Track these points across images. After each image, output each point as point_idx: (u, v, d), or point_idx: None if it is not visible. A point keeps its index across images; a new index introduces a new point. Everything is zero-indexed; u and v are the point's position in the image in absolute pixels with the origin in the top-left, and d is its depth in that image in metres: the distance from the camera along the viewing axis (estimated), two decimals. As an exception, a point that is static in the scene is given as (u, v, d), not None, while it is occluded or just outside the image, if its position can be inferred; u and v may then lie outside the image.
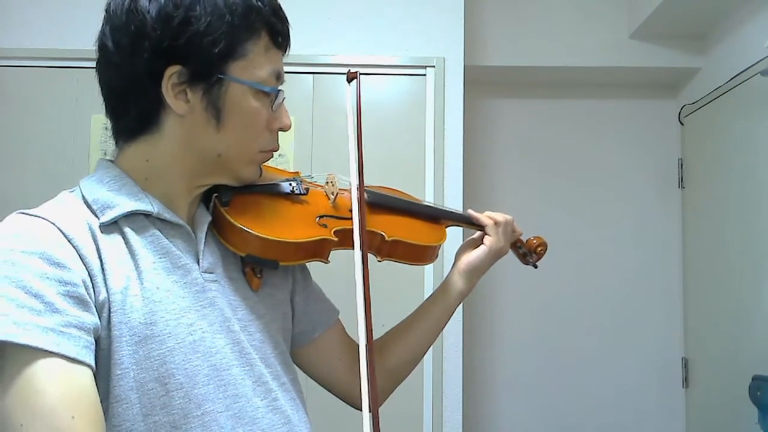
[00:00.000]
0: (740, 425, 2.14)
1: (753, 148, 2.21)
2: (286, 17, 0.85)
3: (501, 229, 1.08)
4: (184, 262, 0.80)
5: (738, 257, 2.28)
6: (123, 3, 0.79)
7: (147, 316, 0.74)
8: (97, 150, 2.20)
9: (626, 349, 2.72)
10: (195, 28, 0.76)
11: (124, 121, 0.83)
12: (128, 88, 0.80)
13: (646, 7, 2.40)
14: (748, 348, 2.18)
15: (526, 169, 2.81)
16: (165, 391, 0.74)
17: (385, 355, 1.06)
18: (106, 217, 0.77)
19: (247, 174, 0.86)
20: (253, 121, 0.82)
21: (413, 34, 2.28)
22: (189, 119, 0.80)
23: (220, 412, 0.77)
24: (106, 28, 0.82)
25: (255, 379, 0.82)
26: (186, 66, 0.77)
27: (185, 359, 0.76)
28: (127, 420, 0.73)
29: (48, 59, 2.22)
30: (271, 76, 0.82)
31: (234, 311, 0.83)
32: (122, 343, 0.73)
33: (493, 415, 2.73)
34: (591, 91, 2.83)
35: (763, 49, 2.09)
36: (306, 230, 0.90)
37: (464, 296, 1.08)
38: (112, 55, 0.81)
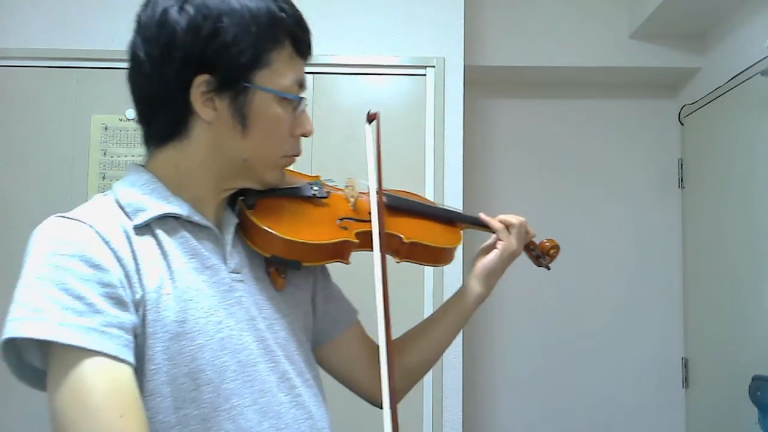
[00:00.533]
0: (740, 425, 2.14)
1: (753, 148, 2.21)
2: (308, 27, 0.88)
3: (514, 231, 1.10)
4: (212, 263, 0.83)
5: (738, 257, 2.28)
6: (154, 15, 0.83)
7: (179, 314, 0.77)
8: (97, 150, 2.20)
9: (626, 349, 2.72)
10: (222, 39, 0.80)
11: (154, 128, 0.86)
12: (159, 96, 0.83)
13: (646, 7, 2.40)
14: (748, 348, 2.18)
15: (526, 169, 2.81)
16: (195, 386, 0.77)
17: (402, 355, 1.08)
18: (138, 219, 0.80)
19: (270, 178, 0.89)
20: (277, 127, 0.85)
21: (413, 34, 2.29)
22: (216, 126, 0.83)
23: (247, 406, 0.81)
24: (138, 38, 0.85)
25: (279, 375, 0.85)
26: (214, 75, 0.81)
27: (214, 355, 0.79)
28: (159, 413, 0.76)
29: (48, 59, 2.23)
30: (294, 84, 0.86)
31: (260, 310, 0.87)
32: (156, 340, 0.76)
33: (493, 415, 2.73)
34: (591, 91, 2.83)
35: (763, 49, 2.09)
36: (328, 232, 0.93)
37: (482, 299, 1.10)
38: (143, 64, 0.83)
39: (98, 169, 2.20)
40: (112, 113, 2.22)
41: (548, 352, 2.72)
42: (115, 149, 2.21)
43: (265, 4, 0.83)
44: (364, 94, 2.24)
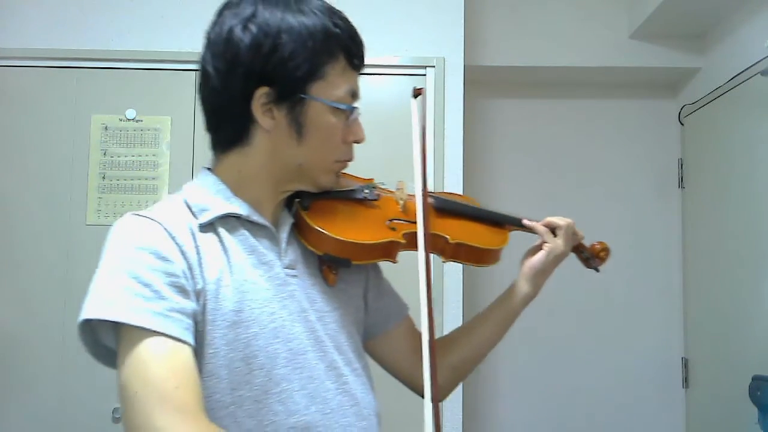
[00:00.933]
0: (740, 425, 2.14)
1: (753, 148, 2.21)
2: (361, 41, 0.95)
3: (561, 233, 1.13)
4: (268, 259, 0.91)
5: (738, 257, 2.28)
6: (221, 32, 0.90)
7: (236, 304, 0.85)
8: (97, 150, 2.20)
9: (626, 349, 2.72)
10: (281, 55, 0.87)
11: (220, 135, 0.95)
12: (224, 107, 0.92)
13: (646, 7, 2.40)
14: (748, 348, 2.18)
15: (526, 168, 2.81)
16: (249, 370, 0.85)
17: (449, 352, 1.12)
18: (203, 218, 0.88)
19: (324, 181, 0.96)
20: (330, 135, 0.92)
21: (413, 34, 2.28)
22: (275, 134, 0.91)
23: (296, 390, 0.88)
24: (207, 54, 0.93)
25: (328, 363, 0.92)
26: (273, 87, 0.88)
27: (267, 343, 0.86)
28: (216, 392, 0.84)
29: (48, 59, 2.22)
30: (347, 95, 0.92)
31: (311, 303, 0.94)
32: (215, 327, 0.84)
33: (493, 415, 2.73)
34: (591, 91, 2.83)
35: (763, 49, 2.09)
36: (376, 233, 0.99)
37: (529, 299, 1.14)
38: (211, 78, 0.91)
39: (98, 169, 2.20)
40: (112, 113, 2.22)
41: (548, 352, 2.72)
42: (115, 149, 2.21)
43: (321, 21, 0.89)
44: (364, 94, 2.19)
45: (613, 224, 2.75)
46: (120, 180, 2.20)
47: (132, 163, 2.20)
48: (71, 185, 2.19)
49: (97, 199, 2.18)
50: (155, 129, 2.22)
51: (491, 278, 2.69)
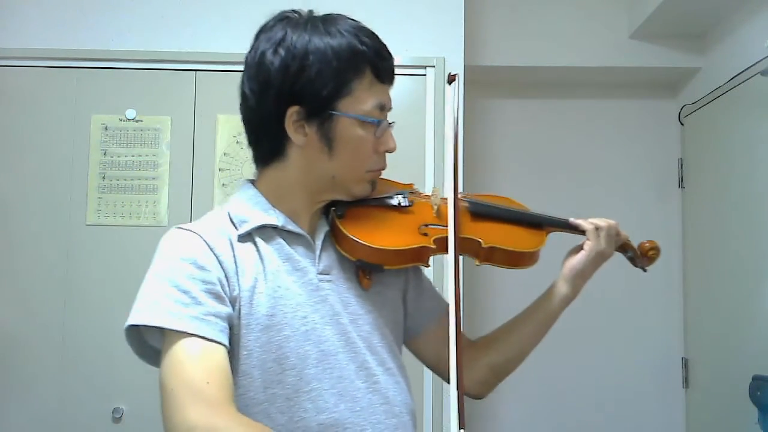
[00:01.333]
0: (740, 425, 2.14)
1: (753, 148, 2.21)
2: (389, 55, 1.00)
3: (603, 233, 1.14)
4: (302, 266, 0.98)
5: (738, 257, 2.28)
6: (255, 56, 0.97)
7: (269, 309, 0.92)
8: (97, 150, 2.20)
9: (626, 349, 2.72)
10: (308, 75, 0.93)
11: (259, 151, 1.01)
12: (261, 125, 0.99)
13: (646, 7, 2.40)
14: (748, 348, 2.18)
15: (526, 168, 2.81)
16: (281, 370, 0.92)
17: (490, 351, 1.16)
18: (242, 229, 0.96)
19: (358, 191, 1.02)
20: (360, 147, 0.98)
21: (413, 34, 2.28)
22: (307, 149, 0.97)
23: (326, 389, 0.93)
24: (244, 76, 0.99)
25: (358, 364, 0.97)
26: (303, 105, 0.94)
27: (298, 345, 0.93)
28: (250, 390, 0.91)
29: (48, 59, 2.22)
30: (375, 108, 0.97)
31: (345, 306, 0.99)
32: (249, 330, 0.91)
33: (493, 414, 2.73)
34: (591, 91, 2.83)
35: (763, 49, 2.09)
36: (407, 239, 1.03)
37: (569, 301, 1.14)
38: (248, 99, 0.98)
39: (98, 169, 2.20)
40: (112, 113, 2.22)
41: (548, 351, 2.70)
42: (115, 149, 2.21)
43: (347, 40, 0.95)
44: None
45: (613, 224, 2.75)
46: (120, 180, 2.20)
47: (132, 163, 2.20)
48: (71, 185, 2.18)
49: (97, 199, 2.18)
50: (155, 129, 2.22)
51: (491, 279, 2.69)
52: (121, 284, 2.13)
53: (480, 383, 1.16)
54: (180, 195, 2.19)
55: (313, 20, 0.97)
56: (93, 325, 2.11)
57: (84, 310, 2.12)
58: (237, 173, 2.20)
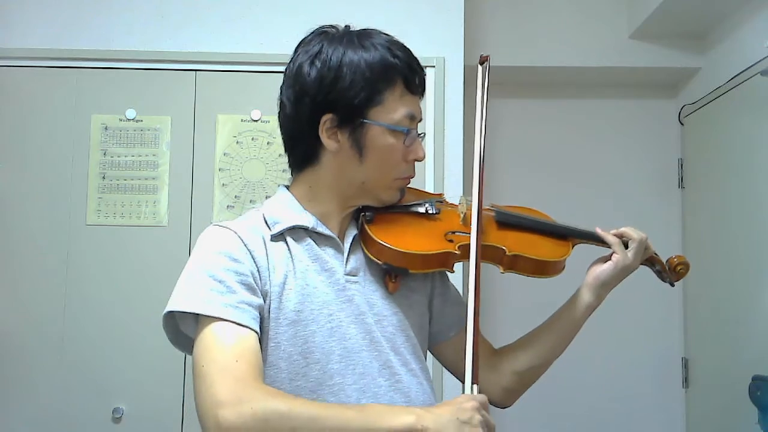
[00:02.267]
0: (740, 425, 2.14)
1: (753, 148, 2.21)
2: (419, 68, 1.07)
3: (634, 246, 1.16)
4: (330, 266, 1.02)
5: (738, 257, 2.28)
6: (293, 68, 1.03)
7: (297, 305, 0.98)
8: (97, 150, 2.20)
9: (626, 349, 2.72)
10: (341, 85, 0.99)
11: (295, 156, 1.07)
12: (297, 132, 1.04)
13: (646, 7, 2.40)
14: (748, 348, 2.18)
15: (526, 168, 2.80)
16: (306, 363, 0.97)
17: (514, 359, 1.19)
18: (274, 230, 1.02)
19: (386, 197, 1.07)
20: (390, 155, 1.03)
21: (413, 34, 2.26)
22: (339, 155, 1.02)
23: (349, 385, 0.98)
24: (283, 86, 1.05)
25: (381, 363, 1.01)
26: (336, 114, 1.00)
27: (323, 341, 0.98)
28: (276, 381, 0.96)
29: (48, 59, 2.22)
30: (405, 118, 1.03)
31: (371, 307, 1.03)
32: (278, 324, 0.97)
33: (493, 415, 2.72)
34: (591, 91, 2.83)
35: (763, 49, 2.09)
36: (432, 244, 1.07)
37: (592, 309, 1.18)
38: (285, 107, 1.04)
39: (98, 169, 2.20)
40: (112, 113, 2.22)
41: (548, 352, 2.72)
42: (115, 149, 2.21)
43: (380, 53, 1.01)
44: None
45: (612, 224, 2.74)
46: (120, 180, 2.20)
47: (132, 163, 2.20)
48: (71, 185, 2.18)
49: (97, 199, 2.18)
50: (155, 129, 2.22)
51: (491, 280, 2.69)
52: (121, 284, 2.13)
53: (505, 390, 1.19)
54: (180, 195, 2.19)
55: (349, 35, 1.04)
56: (93, 325, 2.11)
57: (84, 310, 2.12)
58: (237, 173, 2.20)
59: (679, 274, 1.24)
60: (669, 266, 1.24)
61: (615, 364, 2.71)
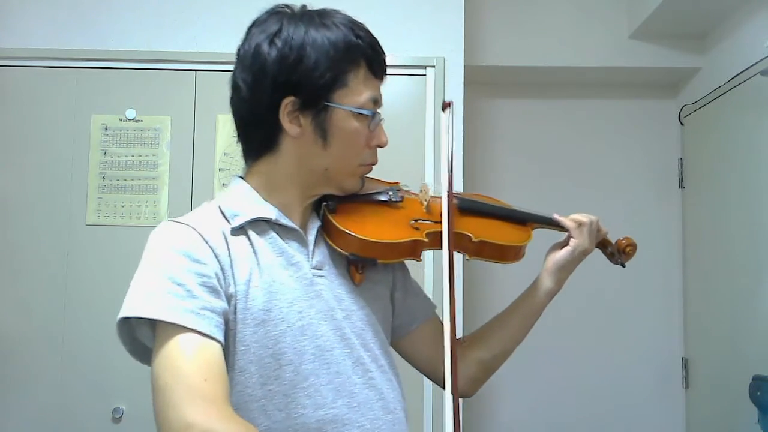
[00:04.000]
0: (740, 425, 2.14)
1: (753, 148, 2.21)
2: (382, 50, 1.01)
3: (585, 229, 1.16)
4: (296, 260, 0.96)
5: (738, 257, 2.28)
6: (250, 48, 0.96)
7: (265, 303, 0.91)
8: (97, 150, 2.20)
9: (626, 349, 2.72)
10: (305, 65, 0.93)
11: (251, 144, 1.01)
12: (254, 117, 0.97)
13: (646, 7, 2.40)
14: (748, 348, 2.18)
15: (526, 169, 2.81)
16: (278, 366, 0.91)
17: (478, 347, 1.17)
18: (235, 223, 0.94)
19: (349, 185, 1.02)
20: (354, 140, 0.98)
21: (413, 34, 2.28)
22: (301, 140, 0.96)
23: (323, 385, 0.93)
24: (237, 68, 0.98)
25: (354, 360, 0.97)
26: (298, 96, 0.94)
27: (295, 340, 0.92)
28: (248, 387, 0.90)
29: (48, 59, 2.22)
30: (369, 101, 0.98)
31: (339, 302, 0.98)
32: (245, 325, 0.90)
33: (493, 414, 2.73)
34: (591, 91, 2.83)
35: (763, 49, 2.09)
36: (400, 232, 1.03)
37: (553, 294, 1.16)
38: (241, 90, 0.97)
39: (98, 169, 2.20)
40: (112, 113, 2.22)
41: (548, 352, 2.72)
42: (115, 149, 2.21)
43: (343, 33, 0.95)
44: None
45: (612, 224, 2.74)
46: (120, 180, 2.20)
47: (132, 163, 2.20)
48: (71, 185, 2.18)
49: (97, 199, 2.18)
50: (155, 129, 2.22)
51: (491, 277, 2.69)
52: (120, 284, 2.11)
53: (469, 380, 1.17)
54: (180, 195, 2.19)
55: (309, 14, 0.98)
56: (93, 325, 2.11)
57: (84, 310, 2.12)
58: (237, 173, 2.20)
59: (628, 254, 1.26)
60: (618, 248, 1.25)
61: (615, 365, 2.71)
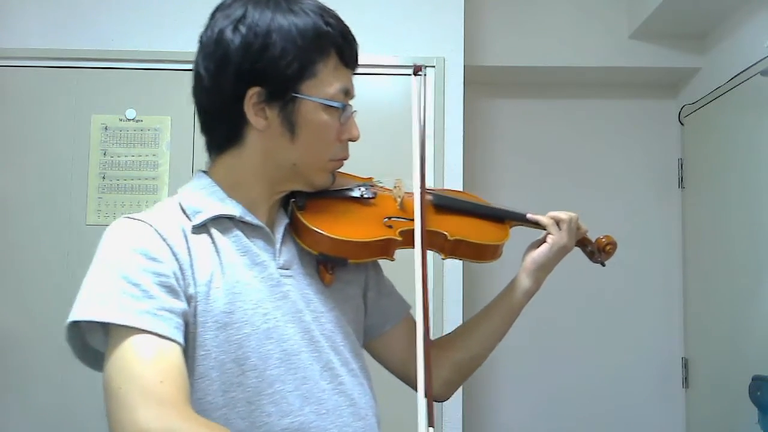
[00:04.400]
0: (740, 425, 2.14)
1: (753, 148, 2.21)
2: (353, 39, 0.95)
3: (564, 226, 1.11)
4: (262, 260, 0.91)
5: (738, 257, 2.28)
6: (212, 35, 0.91)
7: (227, 305, 0.86)
8: (97, 150, 2.20)
9: (626, 349, 2.72)
10: (271, 54, 0.87)
11: (214, 137, 0.95)
12: (217, 108, 0.92)
13: (646, 7, 2.40)
14: (748, 348, 2.18)
15: (526, 169, 2.81)
16: (241, 371, 0.85)
17: (453, 349, 1.12)
18: (196, 220, 0.89)
19: (319, 180, 0.96)
20: (323, 133, 0.92)
21: (413, 34, 2.28)
22: (267, 133, 0.91)
23: (290, 391, 0.87)
24: (199, 56, 0.93)
25: (323, 364, 0.91)
26: (264, 87, 0.88)
27: (259, 344, 0.86)
28: (208, 394, 0.85)
29: (48, 59, 2.22)
30: (340, 93, 0.92)
31: (307, 303, 0.93)
32: (206, 329, 0.85)
33: (493, 414, 2.73)
34: (591, 91, 2.83)
35: (763, 49, 2.09)
36: (372, 231, 0.98)
37: (531, 294, 1.12)
38: (203, 79, 0.91)
39: (98, 169, 2.20)
40: (112, 113, 2.22)
41: (548, 351, 2.72)
42: (115, 149, 2.21)
43: (312, 20, 0.89)
44: (364, 93, 2.21)
45: (612, 224, 2.73)
46: (120, 180, 2.20)
47: (132, 163, 2.20)
48: (71, 185, 2.18)
49: (97, 199, 2.18)
50: (155, 129, 2.22)
51: (492, 277, 2.69)
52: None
53: (445, 382, 1.12)
54: (180, 195, 2.19)
55: None
56: (93, 325, 2.11)
57: (84, 310, 2.12)
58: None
59: (608, 253, 1.21)
60: (598, 246, 1.20)
61: (615, 365, 2.71)
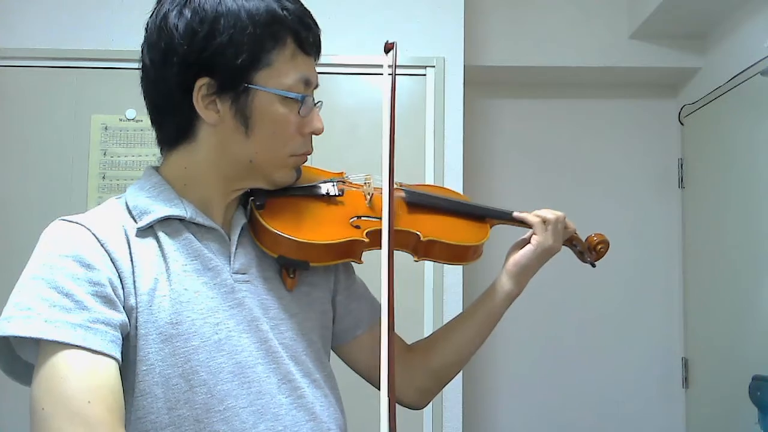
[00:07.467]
0: (740, 425, 2.14)
1: (753, 148, 2.21)
2: (313, 23, 0.87)
3: (550, 226, 1.04)
4: (214, 264, 0.84)
5: (738, 257, 2.28)
6: (155, 21, 0.83)
7: (173, 315, 0.79)
8: (97, 150, 2.20)
9: (626, 349, 2.72)
10: (219, 41, 0.80)
11: (164, 131, 0.87)
12: (165, 101, 0.84)
13: (646, 7, 2.40)
14: (748, 348, 2.18)
15: (526, 169, 2.81)
16: (189, 387, 0.78)
17: (430, 355, 1.05)
18: (142, 222, 0.82)
19: (280, 178, 0.89)
20: (281, 126, 0.85)
21: (413, 34, 2.28)
22: (220, 128, 0.84)
23: (243, 407, 0.80)
24: (144, 46, 0.85)
25: (281, 376, 0.85)
26: (214, 77, 0.81)
27: (209, 357, 0.80)
28: (151, 413, 0.77)
29: (48, 59, 2.22)
30: (299, 83, 0.85)
31: (265, 311, 0.86)
32: (148, 341, 0.77)
33: (493, 415, 2.73)
34: (591, 91, 2.83)
35: (763, 49, 2.09)
36: (337, 232, 0.91)
37: (513, 298, 1.05)
38: (148, 70, 0.85)
39: (98, 169, 2.20)
40: (112, 113, 2.22)
41: (548, 352, 2.72)
42: (115, 149, 2.21)
43: (265, 3, 0.82)
44: (364, 94, 2.24)
45: (612, 224, 2.75)
46: (120, 180, 2.20)
47: (132, 163, 2.20)
48: (71, 185, 2.18)
49: (97, 199, 2.18)
50: (155, 129, 2.22)
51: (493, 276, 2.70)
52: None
53: (420, 390, 1.05)
54: (180, 195, 2.19)
55: None
56: (93, 325, 2.11)
57: (84, 310, 2.12)
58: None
59: (599, 253, 1.12)
60: (589, 245, 1.12)
61: (615, 364, 2.71)
